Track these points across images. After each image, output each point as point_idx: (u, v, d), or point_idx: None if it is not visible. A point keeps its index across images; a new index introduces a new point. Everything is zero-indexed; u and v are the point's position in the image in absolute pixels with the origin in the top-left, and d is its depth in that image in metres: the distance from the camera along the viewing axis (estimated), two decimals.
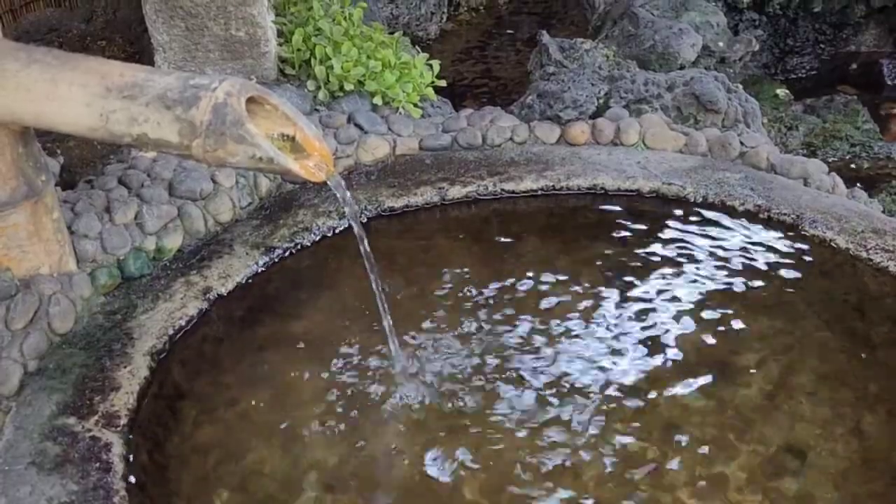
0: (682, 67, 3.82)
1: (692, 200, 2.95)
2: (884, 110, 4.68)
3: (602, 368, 2.36)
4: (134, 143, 2.10)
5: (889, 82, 4.91)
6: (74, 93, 2.08)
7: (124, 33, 4.38)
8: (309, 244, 2.85)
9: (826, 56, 5.14)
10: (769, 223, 2.82)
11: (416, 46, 4.03)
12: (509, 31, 5.50)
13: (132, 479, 2.02)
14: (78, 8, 4.79)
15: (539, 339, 2.47)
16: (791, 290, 2.59)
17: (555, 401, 2.27)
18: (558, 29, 5.19)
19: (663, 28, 3.94)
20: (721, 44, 4.26)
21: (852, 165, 4.18)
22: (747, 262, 2.69)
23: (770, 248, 2.73)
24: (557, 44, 3.83)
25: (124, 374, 2.29)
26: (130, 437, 2.12)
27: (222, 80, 2.02)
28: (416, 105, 3.51)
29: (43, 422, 2.14)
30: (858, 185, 3.34)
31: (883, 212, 3.17)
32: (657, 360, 2.37)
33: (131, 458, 2.07)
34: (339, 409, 2.28)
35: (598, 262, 2.74)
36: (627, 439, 2.15)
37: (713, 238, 2.81)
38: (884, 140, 4.34)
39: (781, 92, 4.63)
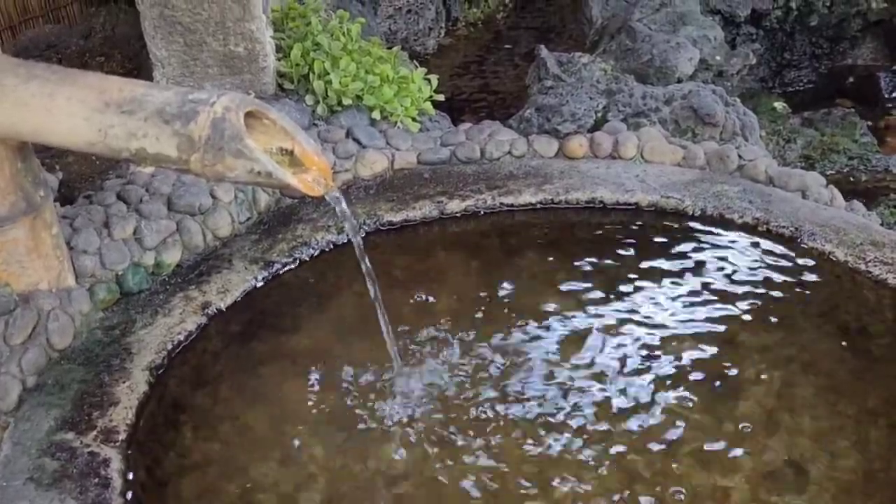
0: (679, 81, 3.83)
1: (690, 213, 2.95)
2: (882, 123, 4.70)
3: (601, 381, 2.36)
4: (132, 157, 2.10)
5: (886, 95, 4.93)
6: (73, 108, 2.08)
7: (123, 49, 4.39)
8: (308, 259, 2.85)
9: (823, 69, 5.17)
10: (768, 236, 2.82)
11: (415, 61, 4.04)
12: (507, 46, 5.52)
13: (130, 494, 2.01)
14: (77, 24, 4.81)
15: (538, 352, 2.47)
16: (790, 302, 2.58)
17: (553, 414, 2.27)
18: (556, 43, 5.20)
19: (661, 42, 3.96)
20: (718, 57, 4.27)
21: (850, 178, 4.19)
22: (746, 274, 2.69)
23: (768, 261, 2.73)
24: (555, 58, 3.84)
25: (123, 390, 2.28)
26: (129, 452, 2.12)
27: (221, 94, 2.02)
28: (414, 119, 3.51)
29: (41, 437, 2.14)
30: (859, 198, 3.34)
31: (881, 224, 3.17)
32: (656, 374, 2.37)
33: (130, 474, 2.06)
34: (339, 424, 2.27)
35: (597, 276, 2.74)
36: (627, 454, 2.14)
37: (711, 251, 2.81)
38: (881, 153, 4.35)
39: (779, 105, 4.65)
